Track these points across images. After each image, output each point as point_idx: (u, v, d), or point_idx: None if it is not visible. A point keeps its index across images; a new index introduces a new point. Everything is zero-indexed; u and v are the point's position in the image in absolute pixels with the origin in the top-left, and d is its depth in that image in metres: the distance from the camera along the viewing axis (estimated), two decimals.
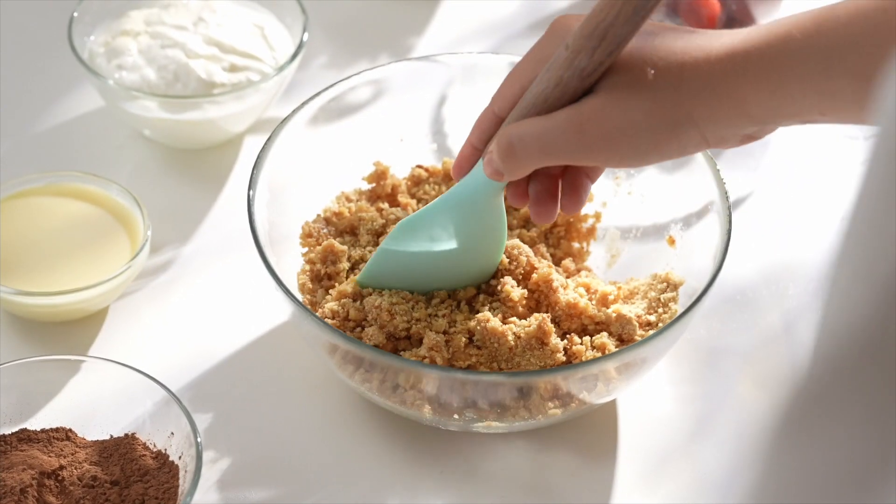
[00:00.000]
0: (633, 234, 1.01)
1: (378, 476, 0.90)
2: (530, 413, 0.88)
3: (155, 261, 1.02)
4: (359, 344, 0.86)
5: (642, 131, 0.77)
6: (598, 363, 0.86)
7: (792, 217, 1.08)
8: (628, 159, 0.80)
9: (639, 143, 0.78)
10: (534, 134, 0.80)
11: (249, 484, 0.89)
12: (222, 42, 1.08)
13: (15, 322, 0.97)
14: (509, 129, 0.81)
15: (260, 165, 0.94)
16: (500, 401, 0.87)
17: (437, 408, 0.87)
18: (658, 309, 0.93)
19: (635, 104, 0.77)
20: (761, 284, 1.03)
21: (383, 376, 0.87)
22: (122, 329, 0.98)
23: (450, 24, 1.23)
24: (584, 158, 0.80)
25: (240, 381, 0.95)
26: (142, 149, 1.11)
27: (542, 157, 0.80)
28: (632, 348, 0.86)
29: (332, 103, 1.00)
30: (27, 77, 1.16)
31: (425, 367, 0.86)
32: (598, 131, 0.78)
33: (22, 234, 0.98)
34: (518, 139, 0.80)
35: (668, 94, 0.77)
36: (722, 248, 0.90)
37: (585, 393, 0.88)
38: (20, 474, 0.83)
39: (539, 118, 0.80)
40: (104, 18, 1.10)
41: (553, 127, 0.79)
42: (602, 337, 0.90)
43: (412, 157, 1.03)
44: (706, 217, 0.94)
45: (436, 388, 0.86)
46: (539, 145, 0.80)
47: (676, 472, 0.92)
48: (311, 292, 0.94)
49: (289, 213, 0.98)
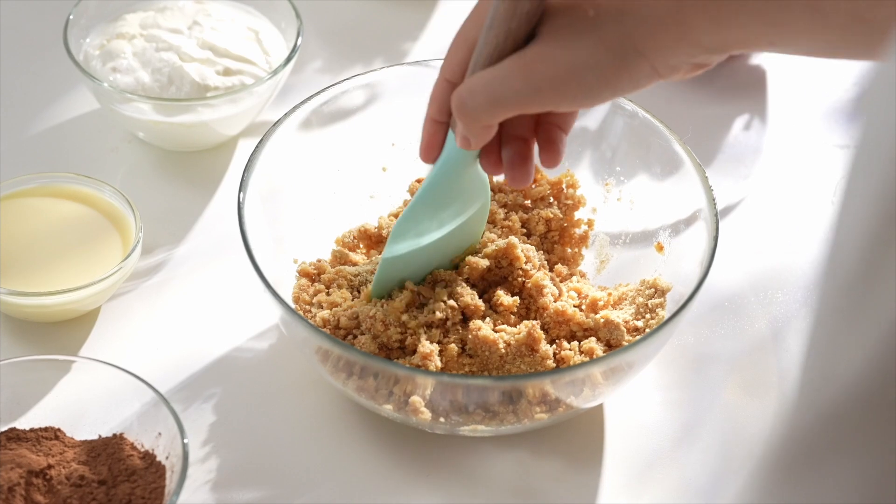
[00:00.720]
0: (622, 239, 1.01)
1: (365, 478, 0.91)
2: (517, 417, 0.88)
3: (147, 262, 1.03)
4: (353, 350, 0.86)
5: (590, 68, 0.76)
6: (584, 367, 0.86)
7: (781, 225, 1.08)
8: (580, 99, 0.78)
9: (588, 81, 0.77)
10: (482, 85, 0.79)
11: (237, 485, 0.90)
12: (216, 46, 1.08)
13: (7, 322, 0.98)
14: (459, 87, 0.80)
15: (251, 168, 0.94)
16: (489, 405, 0.88)
17: (430, 412, 0.88)
18: (646, 314, 0.93)
19: (580, 43, 0.76)
20: (749, 291, 1.03)
21: (377, 383, 0.88)
22: (113, 330, 0.99)
23: (445, 29, 1.23)
24: (535, 103, 0.79)
25: (229, 382, 0.96)
26: (136, 151, 1.11)
27: (495, 108, 0.79)
28: (618, 353, 0.86)
29: (324, 107, 1.01)
30: (23, 79, 1.16)
31: (419, 372, 0.86)
32: (545, 73, 0.77)
33: (15, 234, 0.98)
34: (468, 93, 0.79)
35: (612, 27, 0.76)
36: (709, 255, 0.90)
37: (572, 397, 0.88)
38: (8, 473, 0.83)
39: (485, 70, 0.79)
40: (100, 21, 1.11)
41: (499, 75, 0.78)
42: (590, 342, 0.91)
43: (404, 162, 1.03)
44: (694, 224, 0.95)
45: (428, 392, 0.87)
46: (488, 95, 0.79)
47: (662, 477, 0.92)
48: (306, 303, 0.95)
49: (281, 216, 0.98)
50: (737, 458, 0.93)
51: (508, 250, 0.94)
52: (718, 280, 1.03)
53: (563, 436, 0.94)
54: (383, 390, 0.88)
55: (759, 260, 1.05)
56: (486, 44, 0.79)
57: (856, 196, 0.46)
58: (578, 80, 0.77)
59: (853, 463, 0.45)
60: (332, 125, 1.02)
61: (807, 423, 0.46)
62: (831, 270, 0.47)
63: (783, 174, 1.12)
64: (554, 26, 0.77)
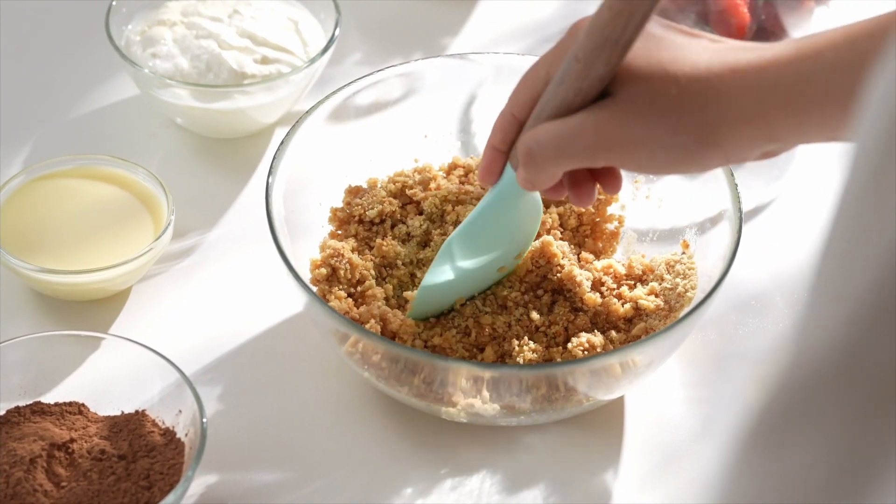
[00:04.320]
0: (649, 237, 1.01)
1: (382, 465, 0.92)
2: (544, 404, 0.89)
3: (179, 245, 1.04)
4: (398, 346, 0.88)
5: (663, 147, 0.77)
6: (601, 358, 0.87)
7: (810, 226, 1.08)
8: (646, 168, 0.80)
9: (658, 157, 0.77)
10: (550, 137, 0.79)
11: (255, 465, 0.91)
12: (255, 34, 1.10)
13: (40, 299, 1.00)
14: (527, 135, 0.81)
15: (281, 154, 0.96)
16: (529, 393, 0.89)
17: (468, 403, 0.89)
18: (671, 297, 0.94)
19: (657, 120, 0.76)
20: (775, 291, 1.03)
21: (417, 377, 0.89)
22: (143, 311, 1.00)
23: (485, 25, 1.24)
24: (601, 160, 0.79)
25: (254, 366, 0.97)
26: (174, 137, 1.13)
27: (562, 161, 0.80)
28: (633, 346, 0.87)
29: (358, 97, 1.02)
30: (66, 64, 1.18)
31: (452, 361, 0.88)
32: (618, 138, 0.77)
33: (50, 214, 1.00)
34: (536, 144, 0.80)
35: (693, 115, 0.76)
36: (730, 254, 0.91)
37: (591, 388, 0.89)
38: (31, 445, 0.85)
39: (555, 122, 0.79)
40: (142, 8, 1.13)
41: (570, 130, 0.79)
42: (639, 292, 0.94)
43: (436, 155, 1.04)
44: (719, 224, 0.95)
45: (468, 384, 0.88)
46: (556, 149, 0.79)
47: (680, 471, 0.92)
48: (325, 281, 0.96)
49: (310, 204, 1.00)
50: (721, 460, 0.93)
51: (544, 249, 0.95)
52: (745, 279, 1.03)
53: (582, 428, 0.94)
54: (407, 375, 0.89)
55: (786, 260, 1.05)
56: (554, 96, 0.80)
57: (847, 202, 0.47)
58: (650, 153, 0.77)
59: (824, 436, 0.46)
60: (367, 116, 1.03)
61: (780, 394, 0.47)
62: None
63: (815, 176, 1.12)
64: (632, 92, 0.77)
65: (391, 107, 1.04)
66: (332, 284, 0.95)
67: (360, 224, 0.99)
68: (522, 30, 1.25)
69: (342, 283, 0.95)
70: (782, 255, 1.06)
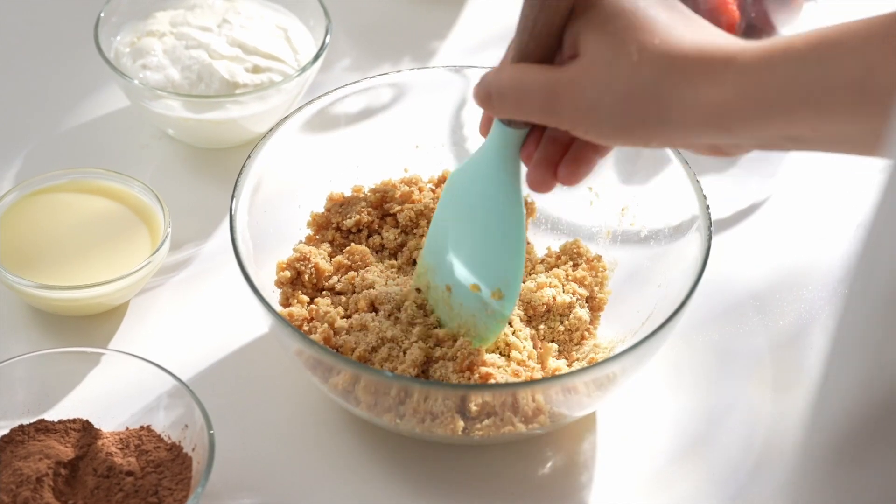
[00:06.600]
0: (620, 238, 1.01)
1: (362, 483, 0.91)
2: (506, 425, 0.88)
3: (176, 258, 1.04)
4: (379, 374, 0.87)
5: (611, 115, 0.75)
6: (568, 378, 0.86)
7: (807, 222, 1.08)
8: (591, 136, 0.78)
9: (603, 127, 0.76)
10: (512, 88, 0.79)
11: (258, 478, 0.91)
12: (246, 43, 1.09)
13: (37, 315, 0.99)
14: (491, 75, 0.81)
15: (253, 158, 0.95)
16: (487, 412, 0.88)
17: None
18: None
19: (611, 83, 0.75)
20: (775, 288, 1.03)
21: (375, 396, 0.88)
22: (142, 324, 1.00)
23: (473, 29, 1.24)
24: (553, 123, 0.79)
25: (255, 376, 0.97)
26: (165, 148, 1.12)
27: (518, 112, 0.80)
28: (601, 365, 0.86)
29: (343, 104, 1.01)
30: (55, 76, 1.18)
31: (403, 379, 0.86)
32: (570, 103, 0.77)
33: (45, 229, 1.00)
34: (497, 91, 0.80)
35: (648, 84, 0.74)
36: (701, 262, 0.90)
37: (559, 407, 0.88)
38: (37, 463, 0.84)
39: (520, 71, 0.79)
40: (130, 19, 1.12)
41: (530, 85, 0.78)
42: None
43: (426, 166, 1.04)
44: (688, 233, 0.94)
45: None
46: (514, 102, 0.80)
47: (685, 472, 0.92)
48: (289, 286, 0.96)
49: (294, 209, 1.00)
50: (761, 455, 0.93)
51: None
52: (744, 277, 1.03)
53: (582, 428, 0.94)
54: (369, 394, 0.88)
55: (784, 257, 1.06)
56: (518, 40, 0.80)
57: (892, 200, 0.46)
58: (595, 122, 0.76)
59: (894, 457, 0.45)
60: (354, 123, 1.03)
61: (847, 418, 0.47)
62: None
63: (809, 172, 1.12)
64: (595, 54, 0.76)
65: (378, 114, 1.04)
66: (295, 288, 0.96)
67: (337, 231, 0.99)
68: (510, 32, 1.23)
69: (306, 287, 0.96)
70: (780, 252, 1.06)
